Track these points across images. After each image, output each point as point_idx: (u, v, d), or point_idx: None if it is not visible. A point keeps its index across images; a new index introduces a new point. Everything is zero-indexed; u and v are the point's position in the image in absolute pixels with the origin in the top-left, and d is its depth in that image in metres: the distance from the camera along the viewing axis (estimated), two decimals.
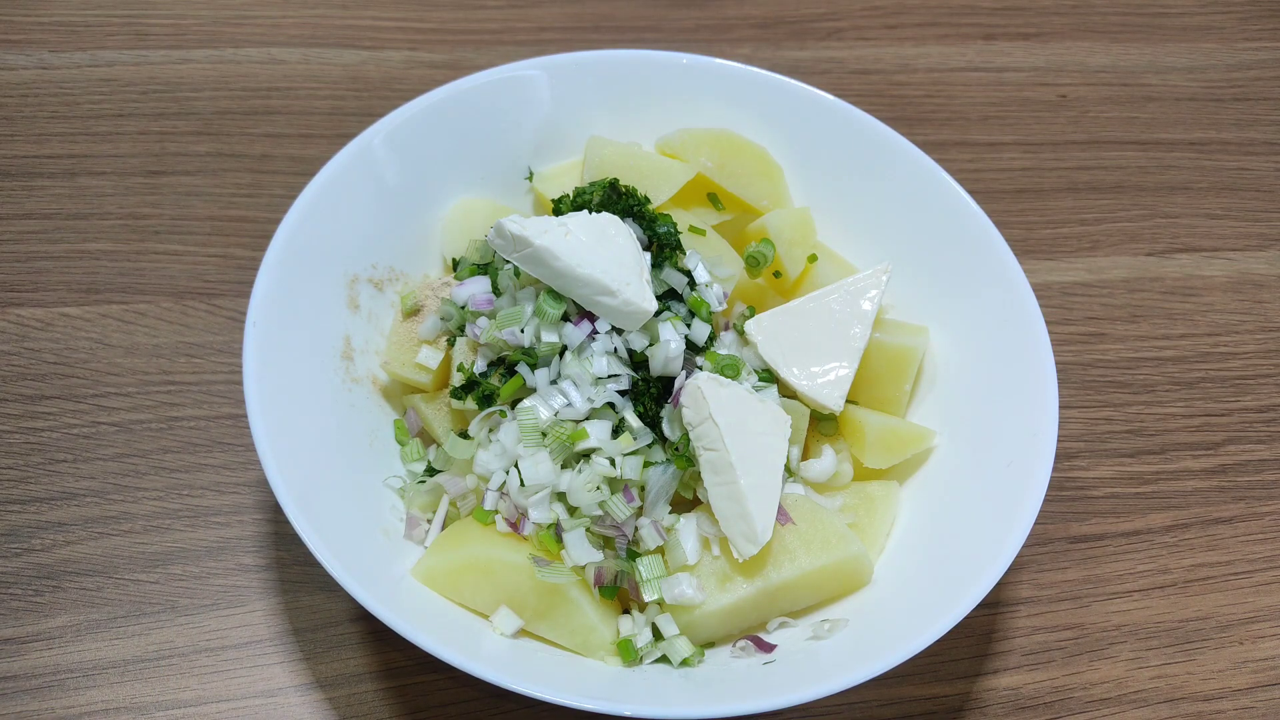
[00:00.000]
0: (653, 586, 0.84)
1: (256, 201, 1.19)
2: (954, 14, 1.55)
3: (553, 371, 0.88)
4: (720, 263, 0.99)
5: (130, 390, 1.03)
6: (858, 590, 0.89)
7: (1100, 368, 1.19)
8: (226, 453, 1.01)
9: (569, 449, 0.85)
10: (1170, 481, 1.11)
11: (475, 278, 0.95)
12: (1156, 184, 1.39)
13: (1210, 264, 1.31)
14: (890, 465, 0.95)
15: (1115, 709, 0.95)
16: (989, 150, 1.39)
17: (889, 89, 1.44)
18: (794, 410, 0.92)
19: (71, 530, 0.95)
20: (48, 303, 1.08)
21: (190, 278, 1.12)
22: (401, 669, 0.90)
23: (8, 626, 0.89)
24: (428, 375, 0.96)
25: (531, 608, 0.83)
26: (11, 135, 1.21)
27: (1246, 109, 1.49)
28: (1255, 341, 1.24)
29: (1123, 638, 0.99)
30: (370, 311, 0.98)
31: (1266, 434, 1.16)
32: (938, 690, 0.94)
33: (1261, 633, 1.01)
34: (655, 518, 0.86)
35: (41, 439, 0.99)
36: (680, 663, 0.83)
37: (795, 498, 0.90)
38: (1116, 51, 1.54)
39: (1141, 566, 1.04)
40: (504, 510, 0.86)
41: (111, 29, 1.34)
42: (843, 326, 0.96)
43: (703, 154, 1.06)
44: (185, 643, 0.90)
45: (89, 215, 1.16)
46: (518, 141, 1.08)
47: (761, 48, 1.46)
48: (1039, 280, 1.25)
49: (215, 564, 0.94)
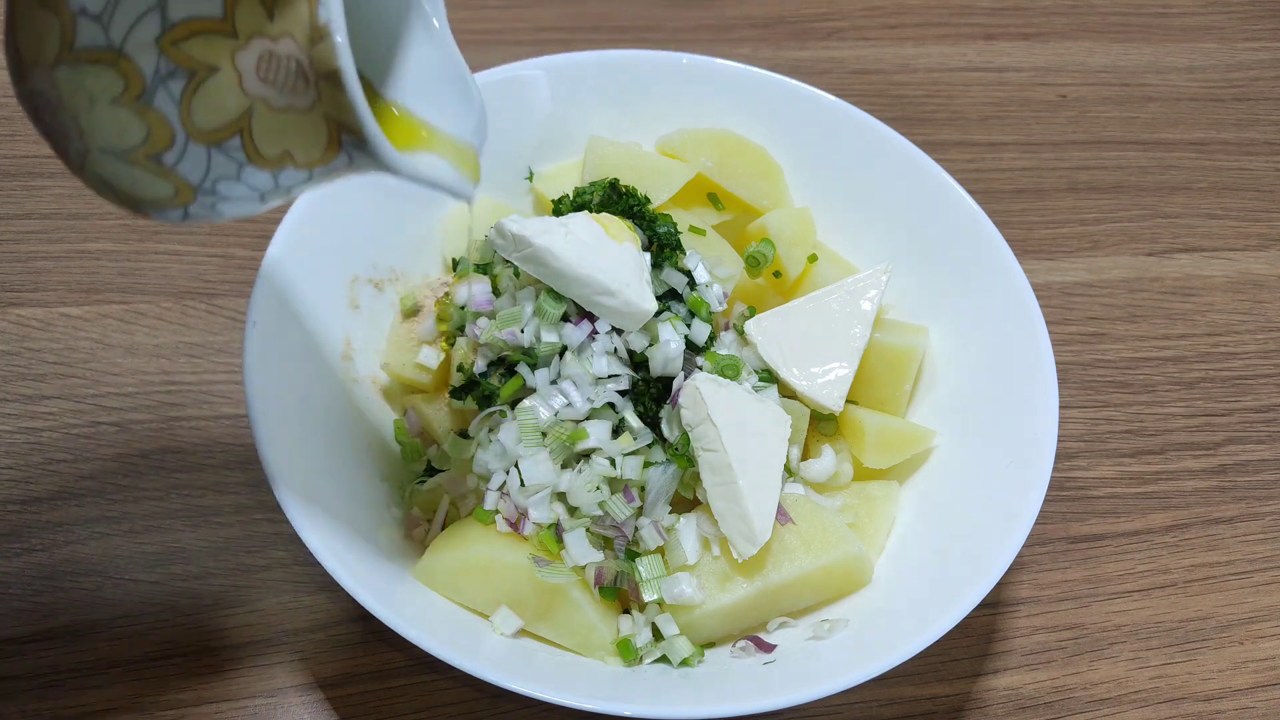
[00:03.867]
0: (653, 586, 0.84)
1: None
2: (954, 14, 1.55)
3: (553, 371, 0.88)
4: (720, 263, 0.99)
5: (130, 390, 1.03)
6: (858, 590, 0.89)
7: (1100, 368, 1.19)
8: (226, 453, 1.01)
9: (569, 449, 0.85)
10: (1170, 481, 1.11)
11: (475, 278, 0.95)
12: (1156, 184, 1.39)
13: (1210, 264, 1.31)
14: (890, 465, 0.95)
15: (1115, 709, 0.95)
16: (989, 150, 1.39)
17: (889, 89, 1.44)
18: (794, 410, 0.92)
19: (71, 530, 0.95)
20: (48, 303, 1.08)
21: (190, 278, 1.12)
22: (401, 669, 0.90)
23: (8, 626, 0.89)
24: (428, 375, 0.96)
25: (531, 608, 0.83)
26: (12, 135, 1.21)
27: (1246, 109, 1.49)
28: (1255, 341, 1.24)
29: (1123, 638, 0.99)
30: (370, 311, 0.98)
31: (1266, 434, 1.16)
32: (938, 690, 0.94)
33: (1261, 633, 1.01)
34: (655, 518, 0.86)
35: (41, 439, 0.99)
36: (680, 663, 0.83)
37: (795, 498, 0.90)
38: (1116, 51, 1.54)
39: (1141, 566, 1.04)
40: (504, 510, 0.86)
41: None
42: (843, 326, 0.96)
43: (703, 154, 1.06)
44: (185, 643, 0.90)
45: (89, 215, 1.16)
46: (518, 141, 1.08)
47: (761, 48, 1.46)
48: (1039, 280, 1.25)
49: (215, 564, 0.94)
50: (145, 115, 0.55)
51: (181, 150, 0.56)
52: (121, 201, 0.60)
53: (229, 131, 0.56)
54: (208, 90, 0.55)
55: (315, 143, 0.56)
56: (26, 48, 0.55)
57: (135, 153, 0.57)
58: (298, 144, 0.56)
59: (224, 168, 0.57)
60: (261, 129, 0.56)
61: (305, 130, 0.55)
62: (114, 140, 0.56)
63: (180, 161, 0.57)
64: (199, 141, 0.56)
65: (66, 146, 0.58)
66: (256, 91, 0.54)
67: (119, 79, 0.54)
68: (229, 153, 0.57)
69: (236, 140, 0.56)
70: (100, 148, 0.57)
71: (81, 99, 0.55)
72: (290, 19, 0.52)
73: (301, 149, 0.57)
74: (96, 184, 0.59)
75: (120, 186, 0.59)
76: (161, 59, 0.54)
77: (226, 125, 0.56)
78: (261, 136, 0.56)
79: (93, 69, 0.54)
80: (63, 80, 0.55)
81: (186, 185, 0.58)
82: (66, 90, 0.55)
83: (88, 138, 0.56)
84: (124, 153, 0.57)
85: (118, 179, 0.58)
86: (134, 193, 0.59)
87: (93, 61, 0.54)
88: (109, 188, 0.59)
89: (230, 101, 0.55)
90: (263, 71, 0.54)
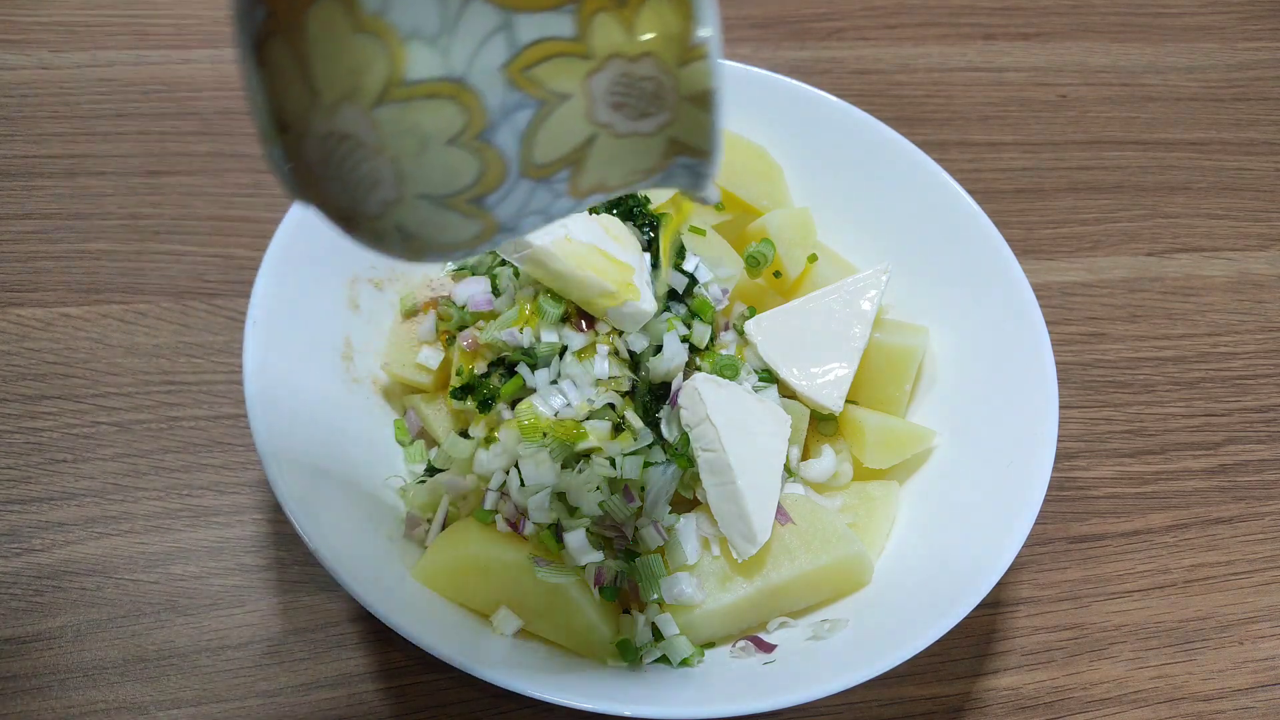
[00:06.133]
0: (653, 586, 0.84)
1: (257, 201, 1.19)
2: (954, 14, 1.55)
3: (552, 372, 0.88)
4: (720, 263, 0.99)
5: (130, 390, 1.03)
6: (858, 590, 0.89)
7: (1100, 368, 1.19)
8: (226, 453, 1.01)
9: (569, 449, 0.85)
10: (1170, 481, 1.11)
11: (475, 278, 0.95)
12: (1156, 184, 1.39)
13: (1210, 264, 1.31)
14: (890, 465, 0.95)
15: (1115, 709, 0.95)
16: (989, 150, 1.39)
17: (889, 89, 1.44)
18: (794, 410, 0.92)
19: (71, 530, 0.95)
20: (48, 303, 1.08)
21: (190, 278, 1.12)
22: (402, 669, 0.90)
23: (8, 626, 0.89)
24: (428, 375, 0.96)
25: (531, 608, 0.83)
26: (11, 135, 1.21)
27: (1246, 109, 1.49)
28: (1255, 341, 1.24)
29: (1123, 638, 0.99)
30: (370, 311, 0.98)
31: (1266, 434, 1.16)
32: (938, 690, 0.94)
33: (1261, 633, 1.01)
34: (655, 518, 0.86)
35: (41, 439, 0.99)
36: (680, 663, 0.83)
37: (795, 498, 0.90)
38: (1116, 51, 1.54)
39: (1141, 566, 1.04)
40: (504, 510, 0.86)
41: (111, 29, 1.34)
42: (843, 326, 0.96)
43: None
44: (185, 643, 0.90)
45: (89, 215, 1.16)
46: None
47: (761, 48, 1.46)
48: (1039, 280, 1.25)
49: (215, 564, 0.94)
50: (483, 154, 0.47)
51: (509, 189, 0.48)
52: (407, 248, 0.51)
53: (562, 164, 0.48)
54: (554, 121, 0.47)
55: (640, 165, 0.50)
56: (329, 85, 0.45)
57: (458, 196, 0.48)
58: (621, 169, 0.50)
59: (540, 202, 0.50)
60: (597, 158, 0.49)
61: (638, 154, 0.49)
62: (440, 185, 0.47)
63: (503, 201, 0.49)
64: (529, 177, 0.48)
65: (366, 197, 0.48)
66: (604, 119, 0.48)
67: (460, 114, 0.46)
68: (552, 186, 0.49)
69: (566, 172, 0.49)
70: (419, 194, 0.48)
71: (410, 141, 0.46)
72: (656, 35, 0.46)
73: (621, 173, 0.50)
74: (386, 232, 0.50)
75: (423, 233, 0.50)
76: (508, 88, 0.46)
77: (562, 158, 0.48)
78: (593, 166, 0.49)
79: (430, 104, 0.45)
80: (386, 120, 0.45)
81: (494, 225, 0.50)
82: (390, 131, 0.46)
83: (406, 185, 0.47)
84: (445, 197, 0.48)
85: (424, 225, 0.49)
86: (434, 237, 0.50)
87: (429, 95, 0.45)
88: (401, 235, 0.50)
89: (575, 132, 0.48)
90: (617, 96, 0.47)
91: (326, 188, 0.48)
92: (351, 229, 0.50)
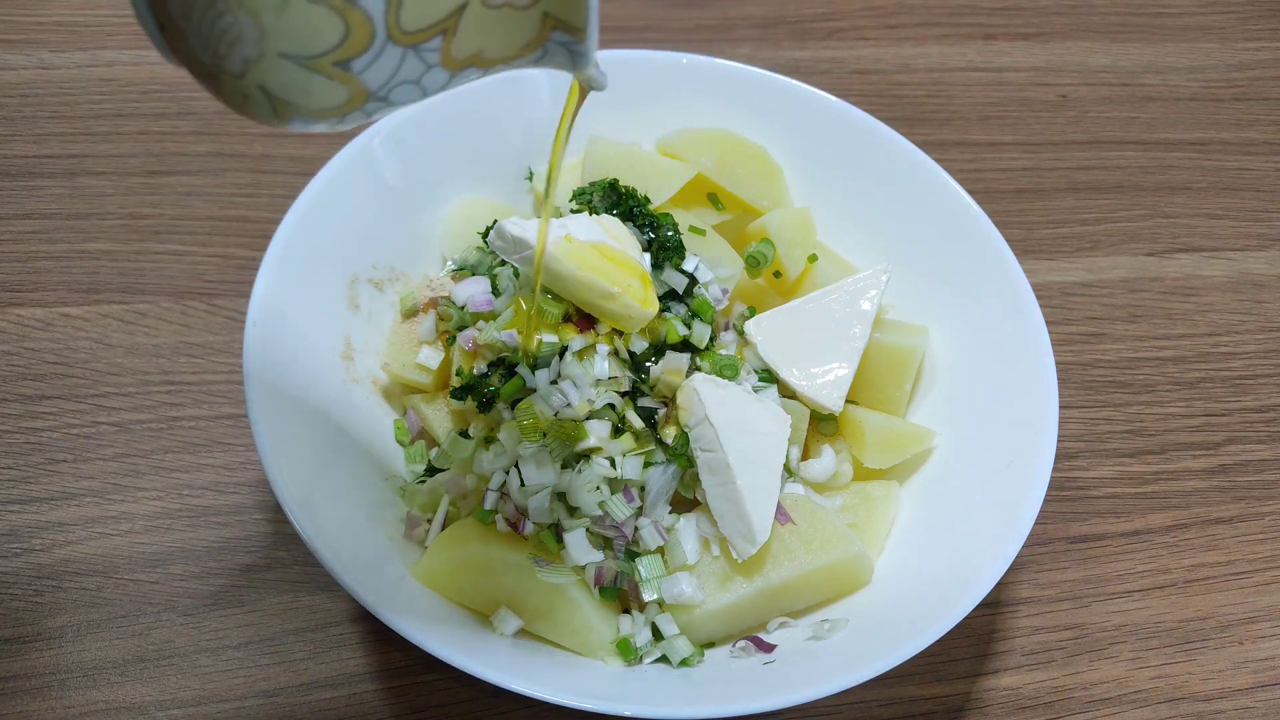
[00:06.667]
0: (652, 586, 0.84)
1: (256, 201, 1.19)
2: (954, 14, 1.55)
3: (553, 372, 0.88)
4: (720, 263, 0.99)
5: (130, 390, 1.03)
6: (858, 590, 0.89)
7: (1100, 368, 1.19)
8: (226, 453, 1.01)
9: (569, 449, 0.85)
10: (1170, 481, 1.11)
11: (475, 278, 0.95)
12: (1156, 184, 1.39)
13: (1210, 264, 1.31)
14: (890, 465, 0.95)
15: (1115, 709, 0.95)
16: (989, 150, 1.39)
17: (889, 89, 1.44)
18: (794, 410, 0.92)
19: (71, 530, 0.95)
20: (48, 303, 1.08)
21: (190, 278, 1.12)
22: (402, 669, 0.90)
23: (8, 626, 0.89)
24: (428, 375, 0.96)
25: (531, 608, 0.83)
26: (11, 135, 1.22)
27: (1246, 109, 1.49)
28: (1255, 341, 1.24)
29: (1123, 638, 0.99)
30: (370, 311, 0.98)
31: (1266, 434, 1.16)
32: (938, 690, 0.94)
33: (1261, 633, 1.01)
34: (655, 518, 0.86)
35: (41, 439, 0.99)
36: (680, 663, 0.83)
37: (795, 498, 0.90)
38: (1116, 51, 1.54)
39: (1141, 566, 1.04)
40: (504, 510, 0.86)
41: (111, 29, 1.34)
42: (842, 326, 0.96)
43: (703, 154, 1.06)
44: (185, 643, 0.90)
45: (89, 215, 1.16)
46: (518, 141, 1.08)
47: (761, 48, 1.46)
48: (1039, 280, 1.25)
49: (215, 564, 0.94)
50: (346, 14, 0.47)
51: (376, 54, 0.49)
52: (274, 112, 0.51)
53: (433, 32, 0.48)
54: None
55: (515, 40, 0.50)
56: None
57: (323, 58, 0.48)
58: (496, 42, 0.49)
59: (411, 71, 0.50)
60: (468, 27, 0.49)
61: (511, 27, 0.49)
62: (303, 44, 0.48)
63: (370, 67, 0.49)
64: (398, 43, 0.48)
65: (228, 53, 0.48)
66: None
67: None
68: (423, 55, 0.49)
69: (437, 41, 0.49)
70: (281, 52, 0.48)
71: None
72: None
73: (497, 47, 0.50)
74: (250, 93, 0.50)
75: (285, 95, 0.50)
76: None
77: (433, 25, 0.48)
78: (464, 35, 0.49)
79: None
80: None
81: (362, 92, 0.50)
82: None
83: (268, 41, 0.47)
84: (309, 58, 0.48)
85: (287, 88, 0.49)
86: (299, 102, 0.50)
87: None
88: (266, 97, 0.50)
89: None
90: None
91: (191, 43, 0.48)
92: (217, 89, 0.50)
